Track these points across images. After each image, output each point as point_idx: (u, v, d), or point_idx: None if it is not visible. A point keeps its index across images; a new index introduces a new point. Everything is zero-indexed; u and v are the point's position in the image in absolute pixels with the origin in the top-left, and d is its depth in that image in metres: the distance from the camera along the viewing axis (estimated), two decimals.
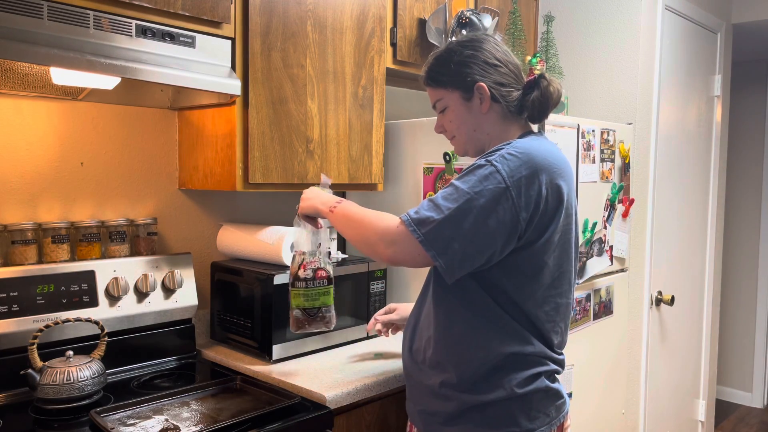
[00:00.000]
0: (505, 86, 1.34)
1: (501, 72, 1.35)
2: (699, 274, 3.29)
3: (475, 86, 1.34)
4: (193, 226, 1.99)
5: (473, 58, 1.35)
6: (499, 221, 1.20)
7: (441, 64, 1.39)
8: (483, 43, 1.37)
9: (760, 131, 4.43)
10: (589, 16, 2.76)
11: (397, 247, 1.25)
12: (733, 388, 4.55)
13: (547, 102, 1.33)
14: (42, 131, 1.66)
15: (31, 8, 1.27)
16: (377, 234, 1.28)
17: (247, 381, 1.58)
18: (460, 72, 1.35)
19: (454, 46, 1.39)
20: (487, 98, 1.34)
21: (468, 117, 1.37)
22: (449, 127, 1.41)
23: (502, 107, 1.35)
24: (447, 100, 1.39)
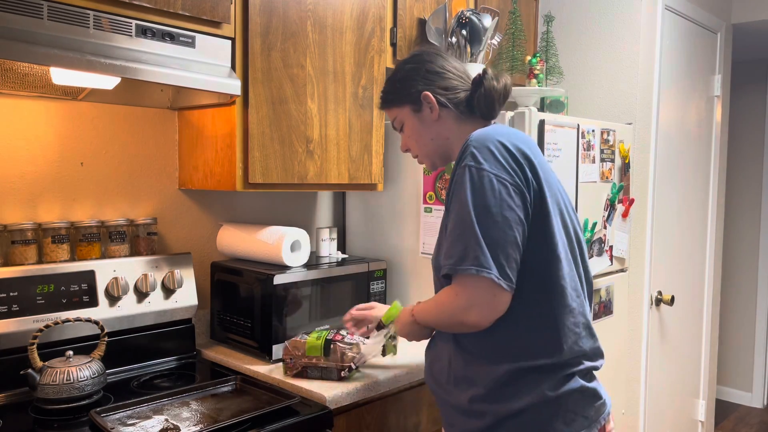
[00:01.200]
0: (451, 90, 1.37)
1: (445, 77, 1.37)
2: (699, 274, 3.29)
3: (420, 96, 1.37)
4: (193, 226, 1.99)
5: (415, 71, 1.39)
6: (513, 204, 1.17)
7: (388, 85, 1.44)
8: (423, 55, 1.41)
9: (760, 131, 4.43)
10: (589, 16, 2.76)
11: (471, 302, 1.17)
12: (733, 388, 4.55)
13: (492, 97, 1.34)
14: (42, 131, 1.66)
15: (31, 8, 1.27)
16: (450, 309, 1.22)
17: (247, 381, 1.58)
18: (404, 86, 1.39)
19: (398, 65, 1.44)
20: (434, 105, 1.36)
21: (423, 128, 1.40)
22: (411, 143, 1.44)
23: (452, 111, 1.37)
24: (401, 117, 1.42)
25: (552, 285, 1.22)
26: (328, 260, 2.00)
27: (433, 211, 2.03)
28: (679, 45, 2.91)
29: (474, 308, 1.17)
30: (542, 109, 2.53)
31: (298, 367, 1.61)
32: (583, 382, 1.26)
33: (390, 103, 1.44)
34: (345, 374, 1.60)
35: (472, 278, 1.16)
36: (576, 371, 1.25)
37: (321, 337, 1.62)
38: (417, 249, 2.09)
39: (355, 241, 2.32)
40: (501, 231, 1.16)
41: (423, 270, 2.08)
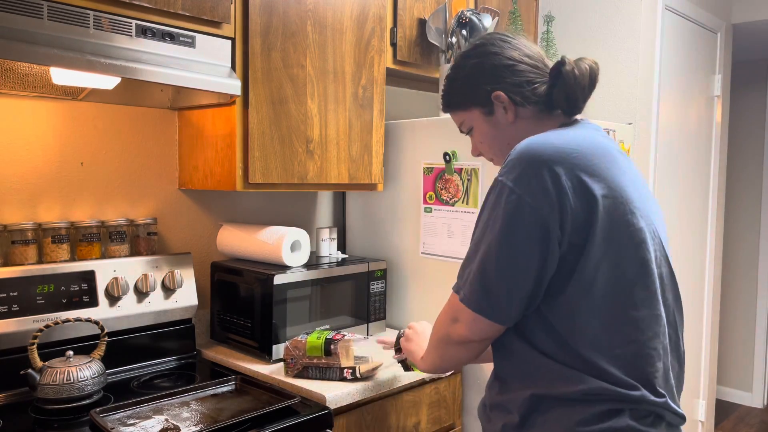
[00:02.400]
0: (528, 85, 1.17)
1: (518, 71, 1.17)
2: (699, 274, 3.29)
3: (491, 97, 1.18)
4: (193, 226, 1.99)
5: (480, 66, 1.19)
6: (527, 235, 1.00)
7: (450, 85, 1.26)
8: (487, 46, 1.20)
9: (760, 131, 4.43)
10: (589, 16, 2.76)
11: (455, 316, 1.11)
12: (733, 388, 4.55)
13: (574, 90, 1.14)
14: (42, 131, 1.66)
15: (31, 8, 1.27)
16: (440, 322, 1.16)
17: (247, 381, 1.58)
18: (470, 87, 1.21)
19: (458, 60, 1.25)
20: (509, 106, 1.18)
21: (497, 132, 1.21)
22: (482, 148, 1.26)
23: (531, 108, 1.18)
24: (469, 121, 1.25)
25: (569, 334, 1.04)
26: (328, 260, 2.00)
27: (433, 211, 2.03)
28: (679, 45, 2.91)
29: (455, 338, 1.12)
30: None
31: (299, 367, 1.61)
32: (633, 422, 1.02)
33: (455, 106, 1.26)
34: (347, 375, 1.60)
35: (461, 308, 1.10)
36: (626, 408, 1.02)
37: (321, 337, 1.62)
38: (417, 249, 2.09)
39: (355, 241, 2.32)
40: (508, 263, 1.02)
41: (423, 270, 2.08)
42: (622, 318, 1.03)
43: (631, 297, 1.04)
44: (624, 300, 1.04)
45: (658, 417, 1.05)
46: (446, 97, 1.28)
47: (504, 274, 1.02)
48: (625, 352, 1.03)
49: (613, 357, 1.03)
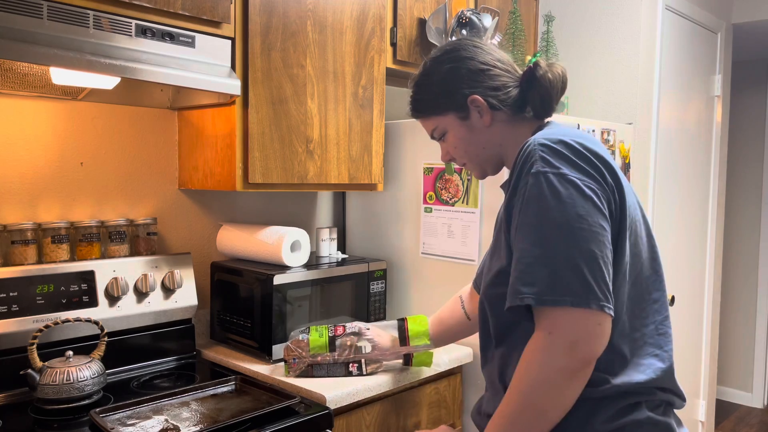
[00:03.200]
0: (502, 89, 1.18)
1: (492, 75, 1.18)
2: (699, 274, 3.29)
3: (468, 101, 1.18)
4: (193, 226, 1.99)
5: (454, 71, 1.19)
6: (604, 212, 0.99)
7: (423, 90, 1.23)
8: (460, 51, 1.20)
9: (760, 131, 4.43)
10: (589, 16, 2.76)
11: (574, 338, 0.95)
12: (733, 388, 4.55)
13: (549, 93, 1.16)
14: (42, 131, 1.66)
15: (31, 8, 1.27)
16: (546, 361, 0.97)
17: (247, 381, 1.58)
18: (445, 91, 1.19)
19: (430, 66, 1.23)
20: (486, 110, 1.18)
21: (472, 137, 1.21)
22: (455, 153, 1.25)
23: (505, 112, 1.19)
24: (443, 126, 1.23)
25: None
26: (328, 260, 2.00)
27: (433, 211, 2.03)
28: (679, 45, 2.91)
29: (579, 345, 0.95)
30: None
31: (302, 366, 1.61)
32: (651, 414, 1.05)
33: (427, 111, 1.24)
34: (353, 370, 1.60)
35: (569, 312, 0.95)
36: (644, 401, 1.05)
37: (323, 334, 1.61)
38: (417, 249, 2.09)
39: (355, 241, 2.32)
40: (597, 246, 0.96)
41: (423, 270, 2.08)
42: (643, 301, 1.07)
43: (647, 280, 1.09)
44: (643, 283, 1.08)
45: (668, 404, 1.10)
46: (417, 104, 1.26)
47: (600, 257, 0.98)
48: (644, 333, 1.07)
49: (633, 340, 1.06)
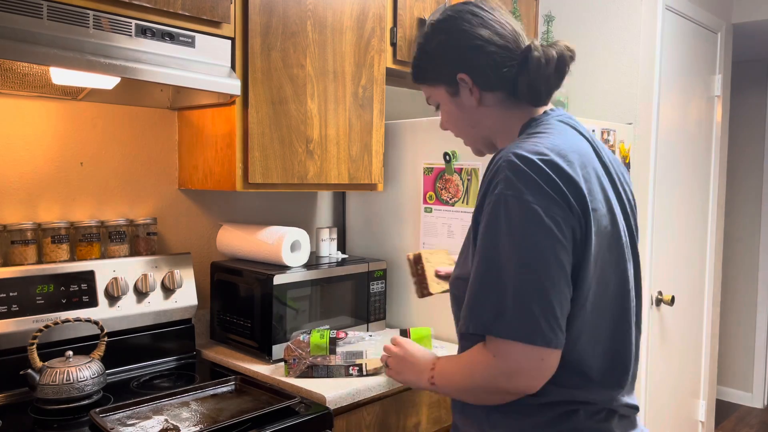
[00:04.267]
0: (495, 68, 1.07)
1: (486, 52, 1.07)
2: (699, 274, 3.29)
3: (457, 78, 1.10)
4: (193, 226, 1.99)
5: (446, 45, 1.10)
6: (565, 243, 0.94)
7: (419, 57, 1.17)
8: (458, 21, 1.09)
9: (760, 131, 4.43)
10: (589, 16, 2.76)
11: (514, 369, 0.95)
12: (733, 388, 4.55)
13: (536, 79, 1.06)
14: (42, 131, 1.66)
15: (31, 8, 1.27)
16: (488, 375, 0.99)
17: (247, 381, 1.58)
18: (437, 64, 1.12)
19: (429, 30, 1.14)
20: (474, 90, 1.10)
21: (461, 114, 1.14)
22: (448, 126, 1.20)
23: (498, 94, 1.11)
24: (435, 97, 1.17)
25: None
26: (328, 260, 2.00)
27: (433, 211, 2.03)
28: (679, 45, 2.91)
29: (519, 376, 0.95)
30: None
31: (302, 366, 1.61)
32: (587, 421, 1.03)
33: (422, 79, 1.18)
34: (354, 372, 1.60)
35: (513, 344, 0.94)
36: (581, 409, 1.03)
37: (324, 336, 1.62)
38: (417, 249, 2.09)
39: (355, 241, 2.32)
40: (549, 280, 0.92)
41: None
42: (605, 330, 1.04)
43: (612, 310, 1.04)
44: (606, 313, 1.04)
45: (611, 412, 1.05)
46: (416, 69, 1.20)
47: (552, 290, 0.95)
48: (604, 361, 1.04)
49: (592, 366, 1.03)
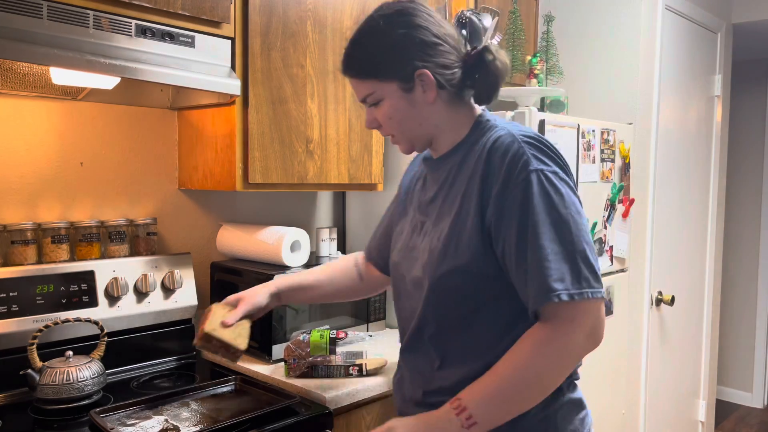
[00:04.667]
0: (449, 67, 1.10)
1: (442, 51, 1.10)
2: (699, 274, 3.29)
3: (415, 74, 1.09)
4: (193, 226, 1.99)
5: (408, 38, 1.08)
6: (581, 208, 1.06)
7: (367, 50, 1.12)
8: (414, 17, 1.09)
9: (760, 131, 4.43)
10: (589, 16, 2.76)
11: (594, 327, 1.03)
12: (733, 388, 4.55)
13: (497, 80, 1.11)
14: (42, 131, 1.66)
15: (30, 8, 1.27)
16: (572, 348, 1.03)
17: (247, 381, 1.58)
18: (394, 58, 1.09)
19: (382, 25, 1.10)
20: (432, 86, 1.10)
21: (411, 110, 1.12)
22: (387, 123, 1.15)
23: (448, 92, 1.12)
24: (381, 93, 1.12)
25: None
26: (328, 260, 2.00)
27: None
28: (679, 45, 2.91)
29: (597, 330, 1.03)
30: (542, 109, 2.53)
31: (302, 366, 1.61)
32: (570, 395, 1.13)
33: (367, 74, 1.12)
34: (354, 372, 1.60)
35: (590, 303, 1.01)
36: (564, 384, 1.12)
37: (324, 336, 1.62)
38: None
39: (355, 241, 2.32)
40: (590, 237, 1.04)
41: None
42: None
43: None
44: None
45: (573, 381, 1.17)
46: (356, 62, 1.13)
47: (593, 249, 1.05)
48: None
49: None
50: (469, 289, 1.08)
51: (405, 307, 1.22)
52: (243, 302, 1.33)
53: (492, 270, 1.06)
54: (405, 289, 1.21)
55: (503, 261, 1.05)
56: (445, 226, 1.11)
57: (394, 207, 1.37)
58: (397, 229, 1.29)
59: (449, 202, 1.12)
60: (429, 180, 1.21)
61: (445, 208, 1.13)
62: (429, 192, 1.19)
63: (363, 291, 1.49)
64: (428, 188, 1.20)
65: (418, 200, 1.23)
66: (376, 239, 1.43)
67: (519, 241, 1.01)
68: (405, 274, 1.20)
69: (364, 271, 1.47)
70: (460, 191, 1.10)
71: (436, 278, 1.10)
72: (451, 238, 1.09)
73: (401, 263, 1.22)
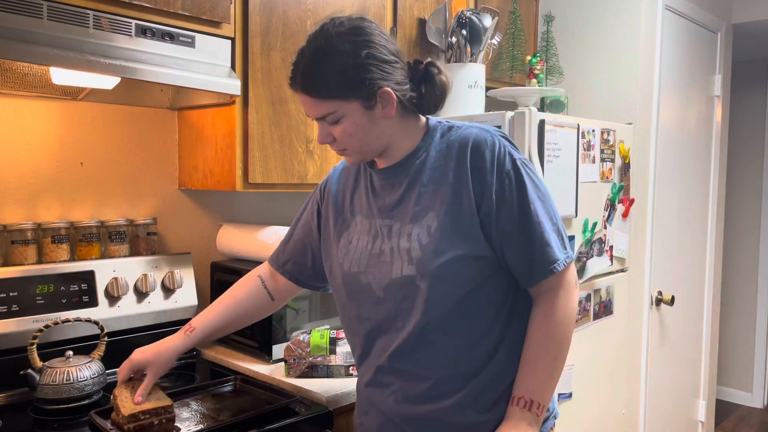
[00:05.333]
0: (402, 83, 1.15)
1: (397, 68, 1.14)
2: (699, 274, 3.29)
3: (378, 93, 1.11)
4: (193, 226, 1.99)
5: (371, 58, 1.10)
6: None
7: (327, 70, 1.09)
8: (372, 36, 1.11)
9: (760, 131, 4.43)
10: (589, 16, 2.76)
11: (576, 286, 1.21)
12: (733, 388, 4.55)
13: (442, 92, 1.19)
14: (42, 131, 1.66)
15: (31, 8, 1.27)
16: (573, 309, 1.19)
17: (247, 381, 1.58)
18: (359, 79, 1.09)
19: (338, 43, 1.09)
20: (392, 103, 1.13)
21: (370, 126, 1.14)
22: (345, 139, 1.15)
23: (402, 106, 1.17)
24: (342, 111, 1.12)
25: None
26: None
27: None
28: (679, 45, 2.91)
29: (577, 282, 1.20)
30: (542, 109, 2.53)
31: (302, 366, 1.61)
32: None
33: (328, 93, 1.10)
34: (354, 372, 1.61)
35: (570, 265, 1.18)
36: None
37: (324, 336, 1.62)
38: None
39: None
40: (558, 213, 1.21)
41: None
42: None
43: None
44: None
45: None
46: (315, 82, 1.10)
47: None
48: None
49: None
50: (471, 274, 1.14)
51: (380, 316, 1.19)
52: (150, 372, 1.28)
53: (487, 253, 1.15)
54: (371, 297, 1.19)
55: (500, 244, 1.15)
56: (431, 220, 1.14)
57: (318, 221, 1.34)
58: (341, 242, 1.26)
59: (428, 198, 1.16)
60: (383, 186, 1.21)
61: (424, 205, 1.16)
62: (389, 197, 1.20)
63: (275, 308, 1.47)
64: (385, 194, 1.21)
65: (370, 208, 1.22)
66: (289, 252, 1.40)
67: (521, 223, 1.14)
68: (371, 281, 1.19)
69: (272, 287, 1.43)
70: (446, 185, 1.15)
71: (440, 269, 1.12)
72: (448, 229, 1.13)
73: (365, 272, 1.20)
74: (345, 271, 1.23)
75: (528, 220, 1.14)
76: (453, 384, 1.16)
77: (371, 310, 1.20)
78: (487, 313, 1.17)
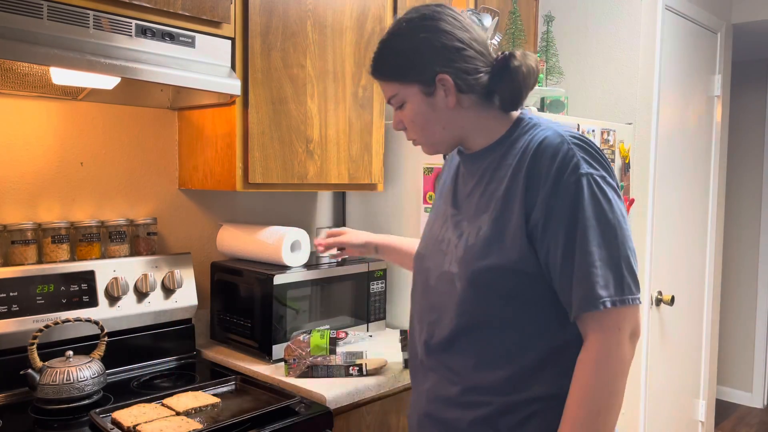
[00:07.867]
0: (473, 72, 1.10)
1: (466, 56, 1.09)
2: (699, 274, 3.29)
3: (436, 79, 1.10)
4: (193, 226, 1.99)
5: (429, 43, 1.09)
6: (626, 213, 1.07)
7: (391, 53, 1.13)
8: (438, 22, 1.10)
9: (760, 131, 4.43)
10: (589, 16, 2.76)
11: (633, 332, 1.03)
12: (733, 388, 4.55)
13: (520, 87, 1.11)
14: (42, 131, 1.66)
15: (31, 8, 1.27)
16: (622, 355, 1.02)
17: (247, 381, 1.58)
18: (415, 62, 1.10)
19: (403, 28, 1.12)
20: (452, 91, 1.10)
21: (433, 114, 1.13)
22: (411, 126, 1.16)
23: (473, 97, 1.12)
24: (404, 95, 1.14)
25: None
26: (328, 260, 2.00)
27: None
28: (679, 45, 2.91)
29: (636, 332, 1.04)
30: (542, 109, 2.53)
31: (302, 366, 1.61)
32: None
33: (390, 75, 1.14)
34: (354, 372, 1.61)
35: (630, 308, 1.02)
36: None
37: (324, 336, 1.62)
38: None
39: None
40: (632, 247, 1.04)
41: None
42: None
43: None
44: None
45: None
46: (381, 64, 1.15)
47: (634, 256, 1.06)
48: None
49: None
50: (507, 287, 1.06)
51: (428, 304, 1.18)
52: (345, 235, 1.58)
53: (532, 269, 1.05)
54: (428, 284, 1.18)
55: (546, 263, 1.04)
56: (483, 223, 1.09)
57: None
58: (429, 220, 1.28)
59: (486, 198, 1.11)
60: (464, 175, 1.19)
61: (482, 204, 1.11)
62: (464, 188, 1.18)
63: None
64: (466, 182, 1.18)
65: (453, 193, 1.21)
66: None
67: (566, 245, 1.01)
68: (431, 266, 1.18)
69: None
70: (501, 188, 1.08)
71: (475, 274, 1.08)
72: (492, 235, 1.07)
73: (427, 256, 1.20)
74: (418, 250, 1.25)
75: (573, 243, 1.01)
76: (475, 394, 1.10)
77: (421, 295, 1.20)
78: (521, 338, 1.07)
